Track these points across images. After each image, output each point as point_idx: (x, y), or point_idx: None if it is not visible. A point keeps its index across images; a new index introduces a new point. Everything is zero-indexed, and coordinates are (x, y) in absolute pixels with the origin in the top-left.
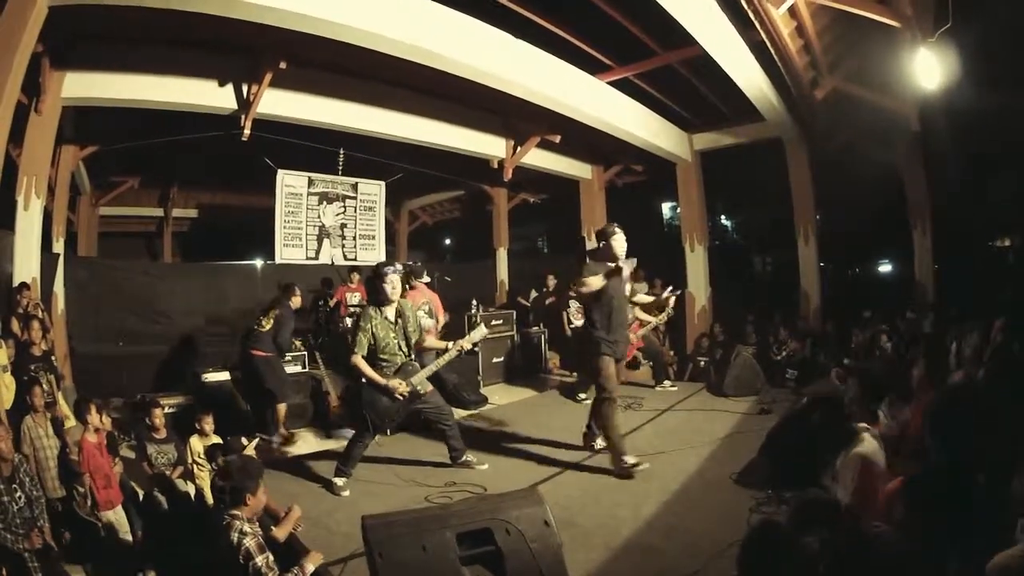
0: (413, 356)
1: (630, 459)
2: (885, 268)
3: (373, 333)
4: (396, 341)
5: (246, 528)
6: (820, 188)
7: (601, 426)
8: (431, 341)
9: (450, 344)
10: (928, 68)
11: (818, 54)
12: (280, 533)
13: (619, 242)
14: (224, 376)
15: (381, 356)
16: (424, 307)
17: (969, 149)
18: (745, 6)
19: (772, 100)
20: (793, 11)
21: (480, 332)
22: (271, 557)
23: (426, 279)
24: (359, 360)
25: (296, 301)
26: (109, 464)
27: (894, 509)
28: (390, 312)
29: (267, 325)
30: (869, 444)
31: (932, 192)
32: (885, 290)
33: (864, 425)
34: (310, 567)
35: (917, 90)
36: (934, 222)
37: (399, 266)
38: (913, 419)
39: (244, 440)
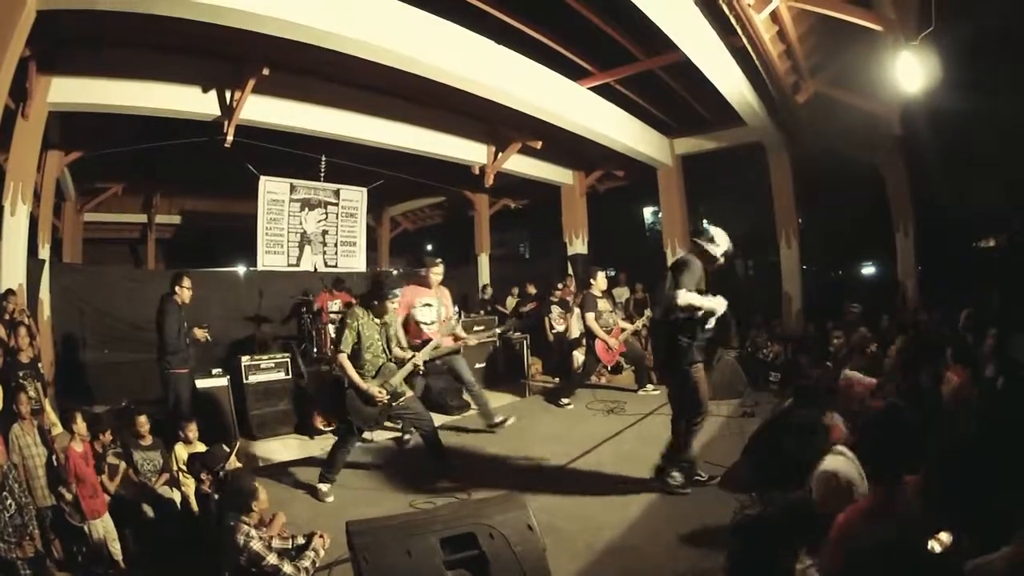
0: (392, 359)
1: (679, 477)
2: (868, 270)
3: (359, 332)
4: (380, 343)
5: (252, 532)
6: (802, 191)
7: (682, 448)
8: (397, 351)
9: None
10: (910, 71)
11: (800, 58)
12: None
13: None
14: (208, 383)
15: (364, 356)
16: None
17: (951, 151)
18: (727, 11)
19: (753, 105)
20: (775, 16)
21: (446, 329)
22: (278, 555)
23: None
24: (344, 359)
25: (183, 293)
26: (95, 473)
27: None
28: (377, 316)
29: None
30: (835, 461)
31: (914, 194)
32: (868, 292)
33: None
34: (322, 551)
35: (899, 93)
36: (916, 224)
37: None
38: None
39: (225, 448)
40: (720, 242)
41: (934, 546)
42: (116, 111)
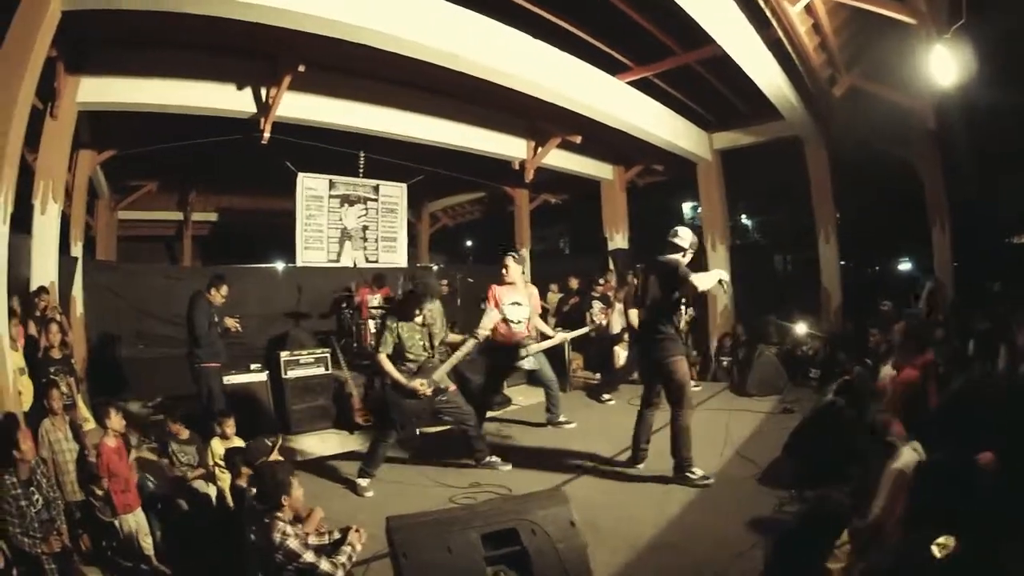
0: (436, 355)
1: (699, 471)
2: (905, 266)
3: (399, 333)
4: (421, 342)
5: (288, 530)
6: (839, 186)
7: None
8: (452, 336)
9: (467, 336)
10: (943, 64)
11: (835, 51)
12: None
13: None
14: (246, 378)
15: (407, 356)
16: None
17: (986, 146)
18: (762, 4)
19: (790, 98)
20: (809, 9)
21: (492, 316)
22: (314, 552)
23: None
24: (383, 359)
25: (216, 296)
26: (127, 468)
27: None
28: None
29: None
30: (907, 458)
31: (949, 189)
32: (904, 288)
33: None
34: (358, 546)
35: (933, 87)
36: (952, 219)
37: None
38: None
39: (268, 441)
40: (684, 236)
41: (934, 551)
42: (148, 110)
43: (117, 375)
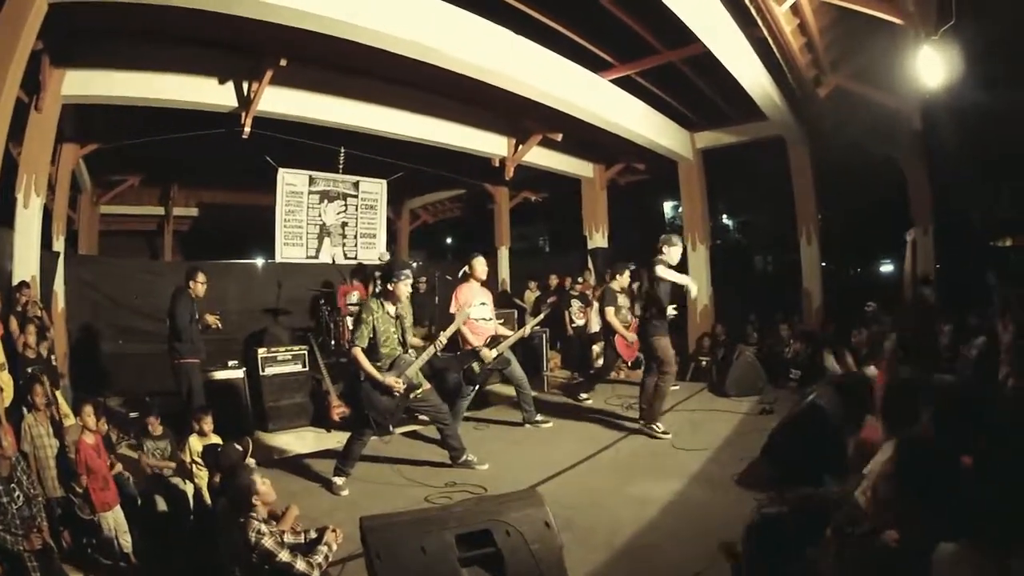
0: (411, 351)
1: (660, 426)
2: (887, 268)
3: (374, 326)
4: (396, 336)
5: (263, 528)
6: (822, 187)
7: (655, 398)
8: (413, 340)
9: (427, 344)
10: (931, 66)
11: (820, 52)
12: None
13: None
14: (223, 375)
15: (381, 350)
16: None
17: (972, 148)
18: (748, 3)
19: (774, 98)
20: (796, 8)
21: (462, 316)
22: (290, 551)
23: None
24: (358, 353)
25: (197, 288)
26: (106, 465)
27: None
28: (391, 307)
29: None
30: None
31: (934, 191)
32: (886, 290)
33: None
34: (334, 545)
35: (920, 88)
36: (936, 222)
37: (411, 271)
38: None
39: (238, 447)
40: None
41: (887, 542)
42: (131, 103)
43: (98, 370)
